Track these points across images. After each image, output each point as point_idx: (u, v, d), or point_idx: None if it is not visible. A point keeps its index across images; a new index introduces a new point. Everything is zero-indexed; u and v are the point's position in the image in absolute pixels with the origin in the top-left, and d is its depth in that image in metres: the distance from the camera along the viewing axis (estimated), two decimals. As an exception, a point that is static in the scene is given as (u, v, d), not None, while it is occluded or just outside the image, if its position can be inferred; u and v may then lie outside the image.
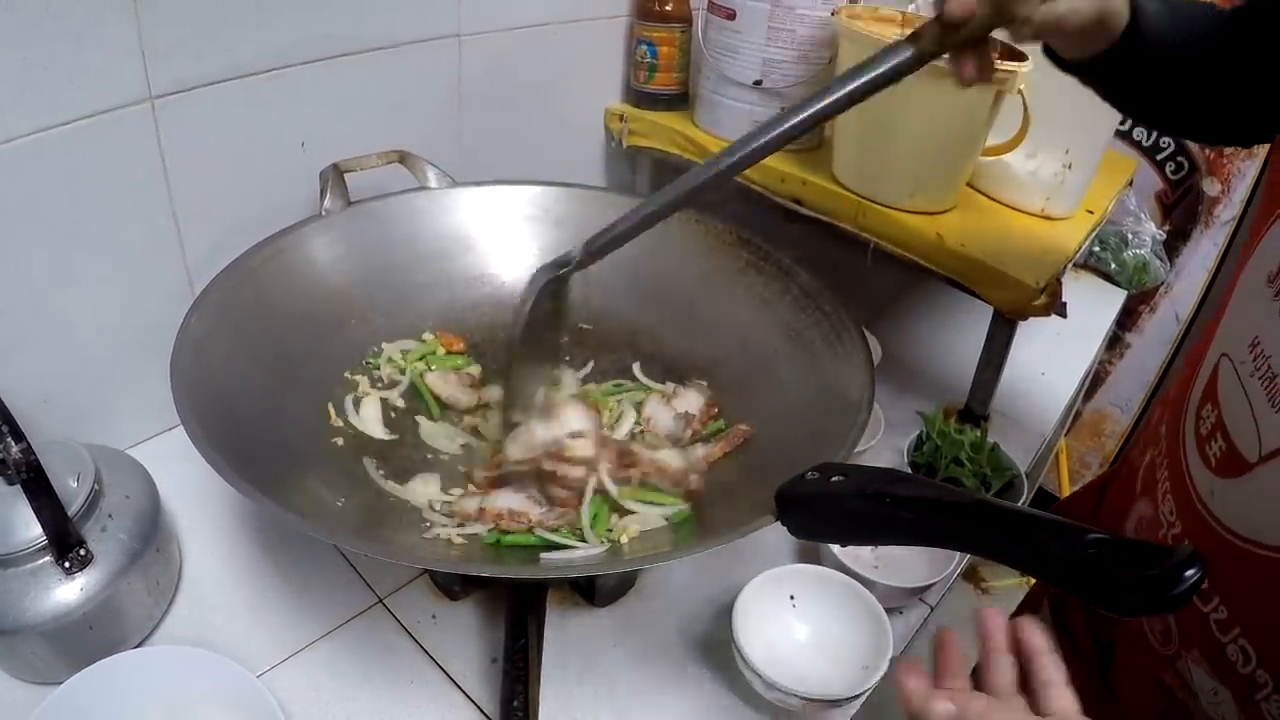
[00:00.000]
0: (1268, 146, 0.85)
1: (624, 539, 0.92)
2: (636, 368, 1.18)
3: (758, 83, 1.33)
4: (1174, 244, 2.18)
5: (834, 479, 0.63)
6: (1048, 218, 1.34)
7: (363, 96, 1.18)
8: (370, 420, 1.05)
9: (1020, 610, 1.15)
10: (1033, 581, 2.58)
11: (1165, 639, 0.75)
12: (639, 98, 1.53)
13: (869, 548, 1.08)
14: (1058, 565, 0.49)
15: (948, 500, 0.57)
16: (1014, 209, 1.36)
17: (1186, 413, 0.77)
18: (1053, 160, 1.30)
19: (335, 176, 1.11)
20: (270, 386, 0.97)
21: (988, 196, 1.38)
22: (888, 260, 1.27)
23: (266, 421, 0.93)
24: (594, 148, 1.59)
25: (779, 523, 0.69)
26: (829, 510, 0.63)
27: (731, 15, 1.32)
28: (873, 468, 0.66)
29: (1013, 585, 2.67)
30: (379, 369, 1.11)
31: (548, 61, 1.41)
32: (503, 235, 1.22)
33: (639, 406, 1.11)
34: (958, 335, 1.54)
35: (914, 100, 1.16)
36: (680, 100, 1.53)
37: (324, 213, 1.10)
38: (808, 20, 1.28)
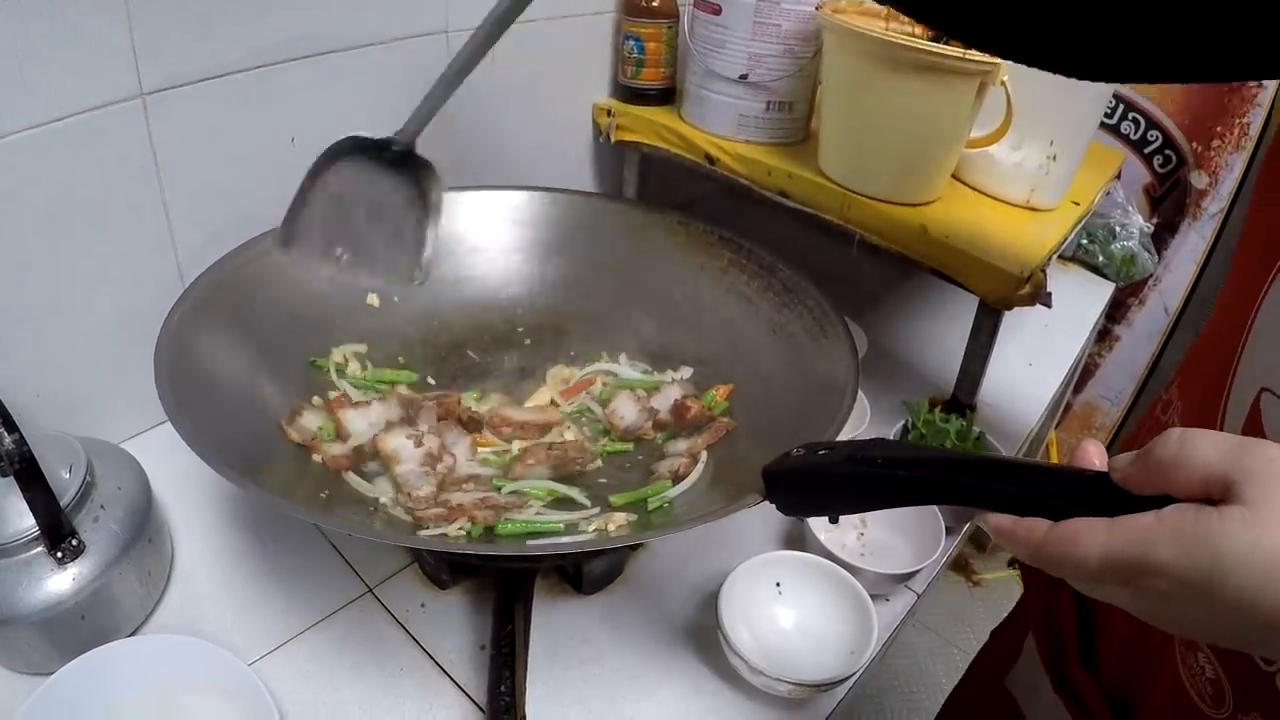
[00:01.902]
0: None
1: (611, 528, 0.93)
2: (622, 359, 1.19)
3: (743, 76, 1.34)
4: (1162, 236, 2.19)
5: (820, 452, 0.63)
6: (1033, 209, 1.35)
7: (352, 93, 1.18)
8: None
9: (1001, 632, 1.13)
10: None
11: (1217, 701, 0.69)
12: (626, 93, 1.53)
13: (854, 535, 1.09)
14: (1060, 500, 0.49)
15: (940, 456, 0.57)
16: (999, 200, 1.36)
17: None
18: (1037, 152, 1.31)
19: None
20: (255, 384, 0.98)
21: (972, 188, 1.38)
22: (874, 252, 1.28)
23: (252, 418, 0.94)
24: (582, 143, 1.60)
25: (766, 501, 0.69)
26: (818, 482, 0.63)
27: (717, 10, 1.32)
28: (857, 439, 0.66)
29: (1004, 577, 2.69)
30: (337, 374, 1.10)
31: (535, 57, 1.41)
32: (487, 239, 1.23)
33: (605, 401, 1.12)
34: (944, 326, 1.54)
35: (898, 93, 1.17)
36: (667, 95, 1.53)
37: None
38: (793, 14, 1.29)
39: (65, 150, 0.92)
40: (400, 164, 1.01)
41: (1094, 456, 0.51)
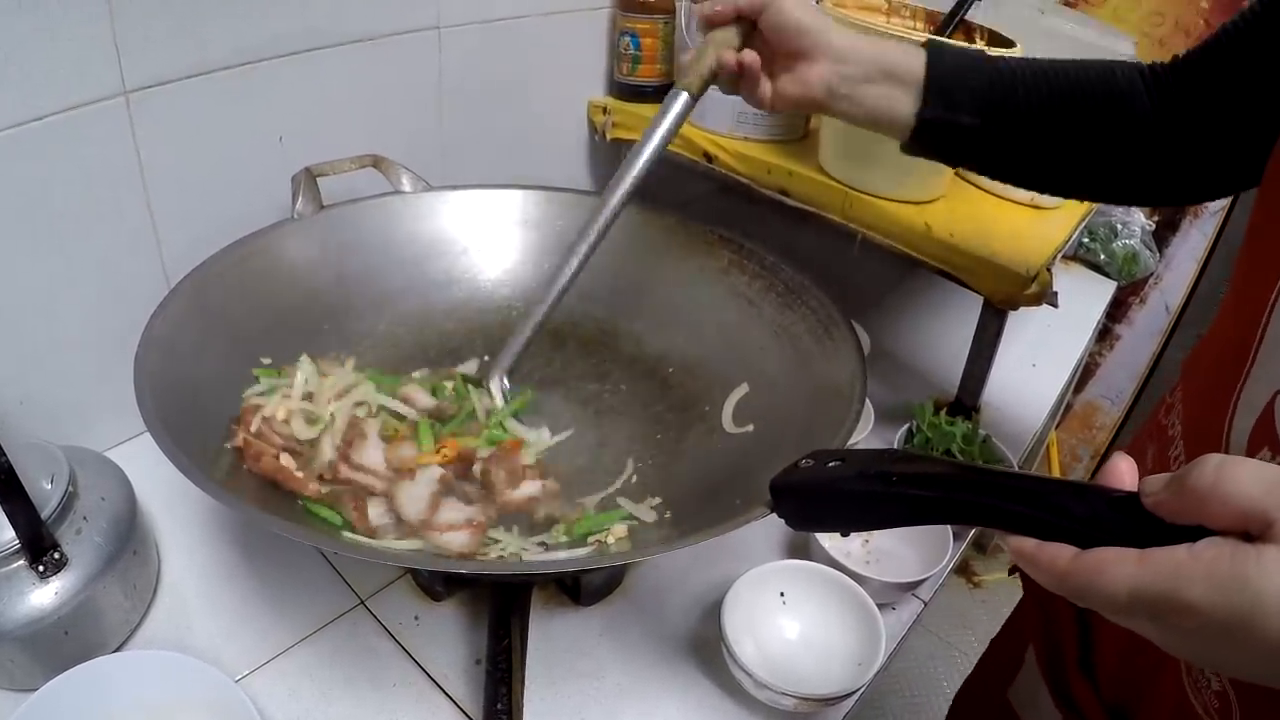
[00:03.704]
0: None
1: (610, 539, 0.91)
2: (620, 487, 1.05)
3: (743, 73, 1.32)
4: (1163, 234, 2.18)
5: (830, 464, 0.61)
6: (1037, 207, 1.33)
7: (342, 91, 1.16)
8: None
9: (1002, 641, 1.10)
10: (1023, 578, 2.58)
11: (1223, 714, 0.67)
12: (622, 90, 1.51)
13: (860, 542, 1.06)
14: (1086, 527, 0.47)
15: (959, 474, 0.54)
16: (1003, 198, 1.34)
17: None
18: (1042, 149, 1.29)
19: (307, 180, 1.09)
20: (242, 391, 0.96)
21: (976, 186, 1.36)
22: (876, 252, 1.25)
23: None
24: (577, 142, 1.58)
25: (774, 515, 0.67)
26: (828, 496, 0.60)
27: (716, 5, 1.30)
28: (869, 449, 0.64)
29: (1005, 579, 2.67)
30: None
31: (529, 54, 1.39)
32: (479, 240, 1.20)
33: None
34: (947, 327, 1.53)
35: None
36: (664, 92, 1.49)
37: (296, 216, 1.08)
38: (793, 9, 1.26)
39: (46, 150, 0.90)
40: None
41: (1124, 474, 0.49)
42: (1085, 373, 2.42)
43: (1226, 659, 0.43)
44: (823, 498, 0.61)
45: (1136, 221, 1.97)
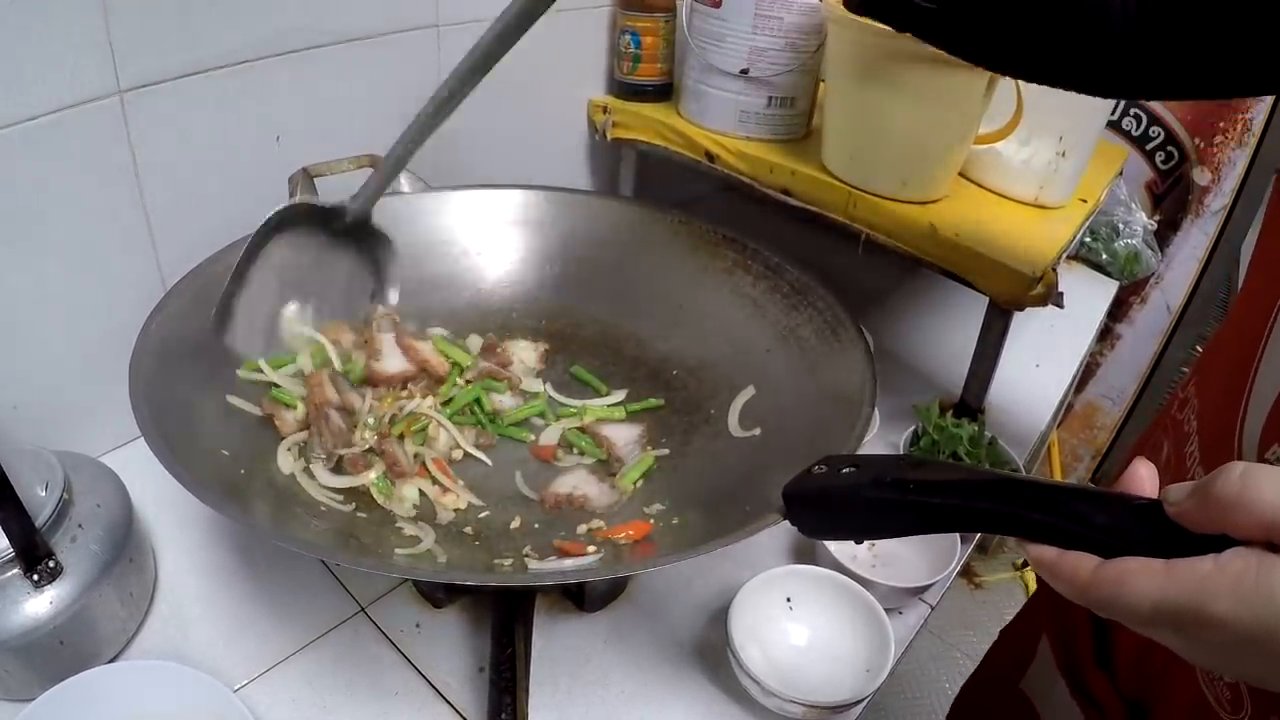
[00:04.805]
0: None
1: (620, 538, 0.89)
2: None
3: (744, 71, 1.31)
4: (1164, 234, 2.17)
5: (844, 470, 0.60)
6: (1041, 207, 1.32)
7: (340, 90, 1.15)
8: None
9: (1014, 632, 1.10)
10: (1025, 575, 2.58)
11: (1235, 705, 0.67)
12: (623, 89, 1.50)
13: (866, 547, 1.05)
14: (1108, 537, 0.46)
15: (979, 481, 0.53)
16: (1007, 198, 1.33)
17: (1241, 455, 0.69)
18: (1046, 148, 1.28)
19: (305, 181, 1.08)
20: (239, 395, 0.95)
21: (980, 186, 1.35)
22: (879, 252, 1.25)
23: (235, 433, 0.91)
24: (577, 142, 1.57)
25: (786, 522, 0.66)
26: (844, 504, 0.59)
27: (717, 3, 1.29)
28: (884, 455, 0.63)
29: (1006, 579, 2.67)
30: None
31: (529, 53, 1.36)
32: (480, 240, 1.19)
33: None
34: (951, 328, 1.52)
35: (905, 87, 1.13)
36: (665, 91, 1.50)
37: None
38: (795, 7, 1.26)
39: (39, 151, 0.89)
40: (352, 233, 1.01)
41: (1144, 480, 0.48)
42: (1086, 372, 2.41)
43: (1251, 670, 0.43)
44: (838, 505, 0.60)
45: (1138, 221, 1.96)
